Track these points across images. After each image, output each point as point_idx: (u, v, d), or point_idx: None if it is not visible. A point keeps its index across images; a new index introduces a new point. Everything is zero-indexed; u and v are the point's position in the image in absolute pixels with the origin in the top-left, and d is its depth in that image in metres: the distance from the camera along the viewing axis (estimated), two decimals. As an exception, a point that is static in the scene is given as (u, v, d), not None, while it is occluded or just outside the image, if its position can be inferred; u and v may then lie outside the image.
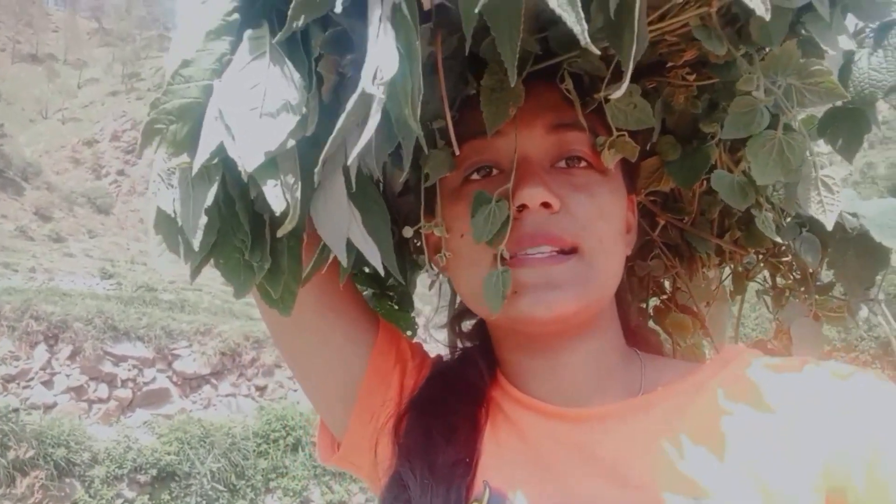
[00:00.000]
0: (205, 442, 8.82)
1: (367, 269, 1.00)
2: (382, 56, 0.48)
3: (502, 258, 0.69)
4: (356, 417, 0.82)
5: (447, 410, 0.78)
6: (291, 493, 9.14)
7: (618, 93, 0.54)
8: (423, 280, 1.01)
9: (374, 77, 0.47)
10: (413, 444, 0.76)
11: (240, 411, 9.66)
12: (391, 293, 0.99)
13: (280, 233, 0.55)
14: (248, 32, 0.56)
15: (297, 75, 0.56)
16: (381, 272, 0.61)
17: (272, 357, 10.46)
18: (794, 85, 0.66)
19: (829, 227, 0.64)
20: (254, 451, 9.18)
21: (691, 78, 0.76)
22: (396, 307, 0.99)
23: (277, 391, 10.25)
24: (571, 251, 0.70)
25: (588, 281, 0.71)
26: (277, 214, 0.52)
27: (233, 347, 10.25)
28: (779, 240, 0.78)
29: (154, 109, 0.53)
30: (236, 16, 0.57)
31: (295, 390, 10.19)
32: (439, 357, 0.89)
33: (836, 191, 0.65)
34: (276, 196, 0.52)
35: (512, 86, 0.56)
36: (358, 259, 0.69)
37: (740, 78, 0.68)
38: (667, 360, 0.84)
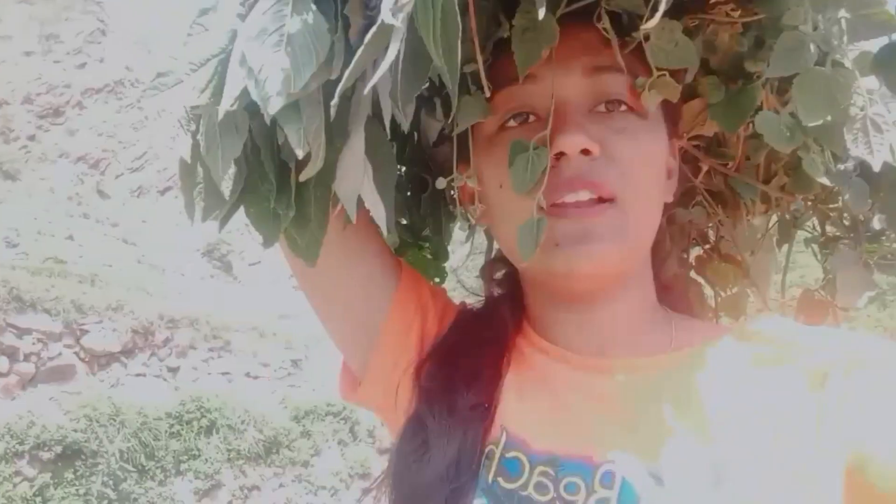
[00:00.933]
0: (115, 420, 8.51)
1: (403, 221, 1.00)
2: None
3: (540, 207, 0.68)
4: (377, 360, 0.82)
5: (470, 356, 0.78)
6: (203, 476, 8.87)
7: (651, 22, 0.51)
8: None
9: (395, 3, 0.46)
10: (434, 388, 0.76)
11: (151, 391, 9.40)
12: (426, 243, 0.99)
13: (303, 177, 0.55)
14: (272, -26, 0.55)
15: (321, 18, 0.55)
16: (384, 231, 0.60)
17: (187, 338, 10.10)
18: (845, 17, 0.62)
19: (877, 168, 0.61)
20: (166, 431, 8.88)
21: (736, 14, 0.73)
22: (430, 256, 0.99)
23: (190, 373, 9.91)
24: (610, 199, 0.69)
25: (627, 231, 0.69)
26: (300, 158, 0.52)
27: (146, 326, 9.81)
28: (827, 182, 0.75)
29: (175, 60, 0.53)
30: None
31: (209, 373, 9.99)
32: (464, 304, 0.89)
33: (886, 130, 0.62)
34: (299, 140, 0.51)
35: (540, 20, 0.54)
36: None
37: (787, 7, 0.64)
38: (696, 321, 0.83)
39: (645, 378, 0.72)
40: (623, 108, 0.71)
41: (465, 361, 0.77)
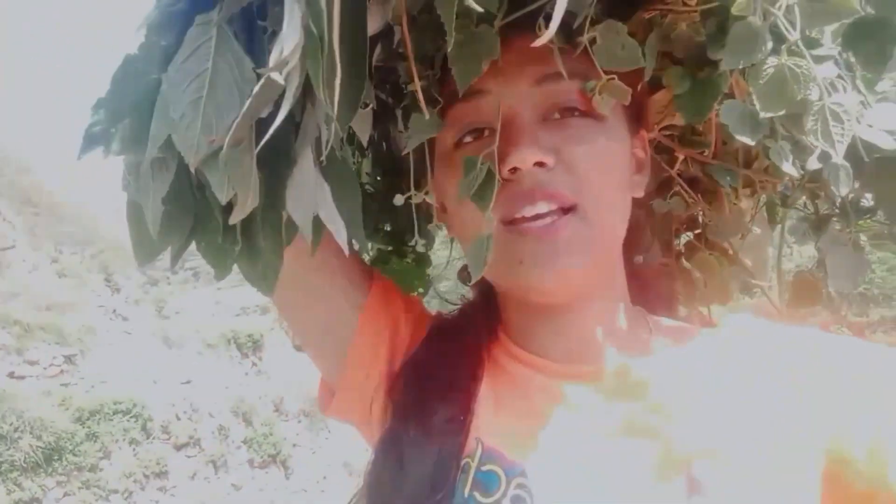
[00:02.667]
0: None
1: (387, 227, 1.00)
2: (287, 35, 0.46)
3: (503, 222, 0.68)
4: (348, 372, 0.82)
5: (444, 368, 0.77)
6: None
7: (540, 41, 0.50)
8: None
9: (279, 59, 0.45)
10: (408, 402, 0.76)
11: None
12: (408, 249, 0.99)
13: (231, 220, 0.54)
14: (197, 18, 0.55)
15: (246, 58, 0.54)
16: (346, 250, 0.59)
17: None
18: (798, 3, 0.59)
19: (838, 159, 0.59)
20: None
21: (692, 2, 0.70)
22: (413, 264, 0.98)
23: None
24: (571, 209, 0.67)
25: (591, 240, 0.68)
26: (223, 203, 0.51)
27: None
28: (794, 172, 0.72)
29: (97, 110, 0.52)
30: (181, 5, 0.55)
31: None
32: (439, 314, 0.89)
33: (846, 119, 0.59)
34: (222, 188, 0.51)
35: (449, 46, 0.53)
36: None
37: (737, -1, 0.62)
38: (671, 321, 0.81)
39: (620, 384, 0.71)
40: (577, 113, 0.69)
41: (440, 373, 0.77)
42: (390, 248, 0.98)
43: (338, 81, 0.47)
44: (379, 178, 0.93)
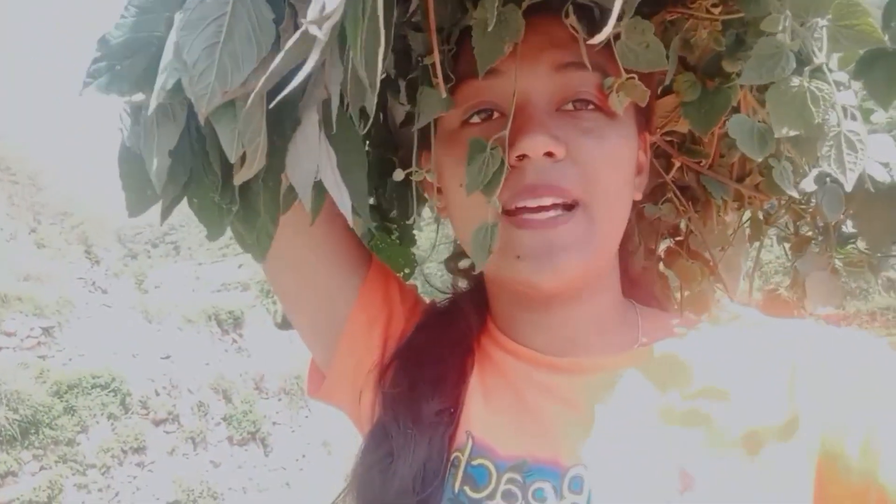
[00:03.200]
0: None
1: (371, 202, 0.97)
2: None
3: (503, 210, 0.66)
4: (339, 358, 0.80)
5: (434, 360, 0.76)
6: None
7: (604, 32, 0.48)
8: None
9: (321, 12, 0.42)
10: (398, 394, 0.74)
11: None
12: (394, 227, 0.96)
13: (236, 181, 0.51)
14: (215, -44, 0.51)
15: (266, 7, 0.51)
16: (350, 221, 0.57)
17: None
18: (827, 27, 0.59)
19: (848, 187, 0.59)
20: None
21: (716, 11, 0.69)
22: (398, 242, 0.96)
23: None
24: (574, 204, 0.66)
25: (592, 239, 0.67)
26: (232, 161, 0.48)
27: None
28: (795, 194, 0.73)
29: (104, 45, 0.49)
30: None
31: None
32: (433, 303, 0.87)
33: (860, 149, 0.59)
34: (232, 142, 0.48)
35: (490, 26, 0.51)
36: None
37: (767, 11, 0.61)
38: (662, 314, 0.81)
39: (613, 377, 0.70)
40: (591, 107, 0.68)
41: (430, 365, 0.75)
42: (374, 225, 0.95)
43: (381, 50, 0.44)
44: (369, 151, 0.90)
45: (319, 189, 0.58)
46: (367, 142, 0.90)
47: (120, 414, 9.42)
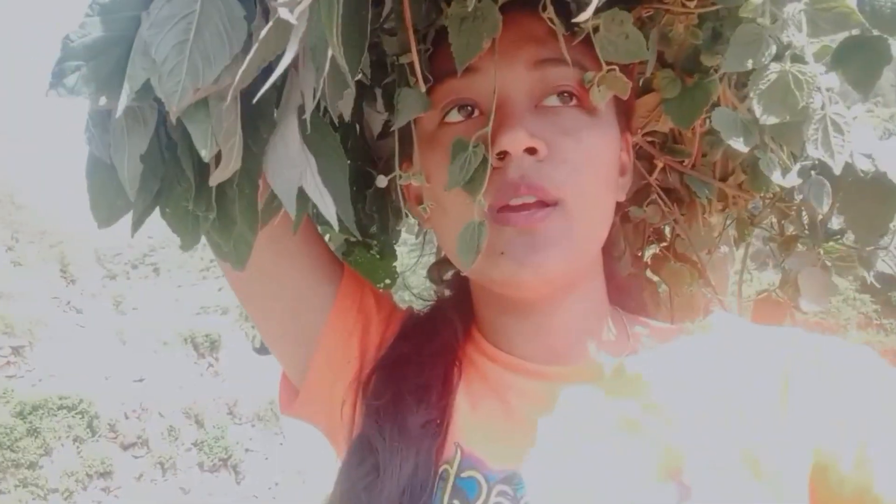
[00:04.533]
0: None
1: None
2: None
3: (482, 209, 0.63)
4: (315, 370, 0.77)
5: (418, 369, 0.73)
6: None
7: (584, 15, 0.47)
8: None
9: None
10: (382, 406, 0.71)
11: None
12: (373, 241, 0.94)
13: (212, 182, 0.49)
14: (182, -47, 0.50)
15: (236, 2, 0.49)
16: (335, 225, 0.55)
17: None
18: (805, 10, 0.59)
19: (837, 170, 0.58)
20: None
21: (692, 4, 0.69)
22: (378, 256, 0.94)
23: None
24: (554, 203, 0.64)
25: (573, 237, 0.65)
26: (206, 160, 0.46)
27: None
28: (784, 183, 0.72)
29: (68, 46, 0.47)
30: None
31: None
32: (410, 310, 0.84)
33: (847, 131, 0.59)
34: (205, 141, 0.46)
35: (480, 8, 0.49)
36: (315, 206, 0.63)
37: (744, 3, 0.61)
38: (650, 321, 0.80)
39: (601, 385, 0.69)
40: (573, 101, 0.67)
41: (414, 374, 0.73)
42: (354, 240, 0.93)
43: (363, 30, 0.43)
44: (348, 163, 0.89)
45: (302, 197, 0.56)
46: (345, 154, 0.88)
47: (87, 437, 9.19)
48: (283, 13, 0.41)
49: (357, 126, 0.85)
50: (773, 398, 0.63)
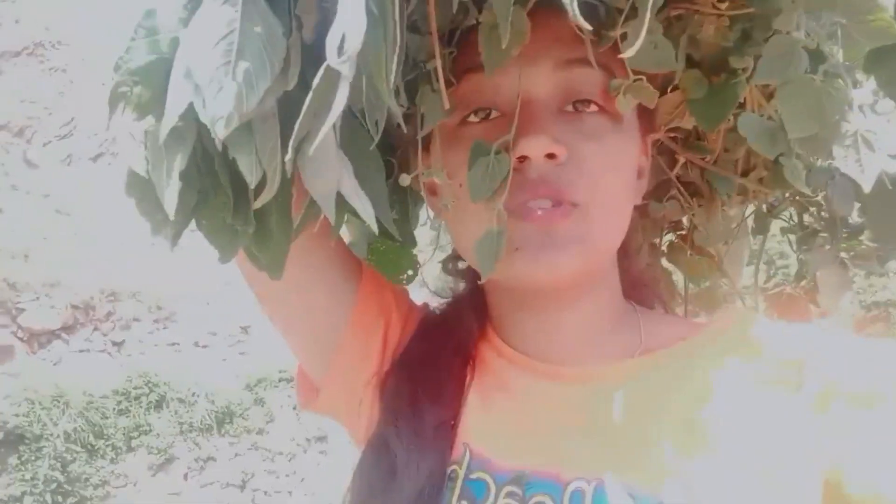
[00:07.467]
0: (59, 401, 8.10)
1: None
2: (349, 20, 0.41)
3: (501, 216, 0.64)
4: (337, 369, 0.79)
5: (434, 370, 0.75)
6: (156, 451, 8.53)
7: (631, 51, 0.47)
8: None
9: (340, 48, 0.41)
10: (399, 406, 0.73)
11: (95, 368, 8.91)
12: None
13: (257, 204, 0.50)
14: (219, -31, 0.49)
15: (274, 20, 0.49)
16: (375, 228, 0.55)
17: (130, 311, 9.59)
18: (840, 23, 0.58)
19: (867, 188, 0.58)
20: (114, 409, 8.49)
21: (723, 6, 0.68)
22: (398, 245, 0.95)
23: (136, 346, 9.44)
24: (574, 206, 0.65)
25: (591, 239, 0.66)
26: (252, 186, 0.47)
27: (86, 300, 9.27)
28: (807, 191, 0.72)
29: (118, 71, 0.47)
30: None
31: (156, 345, 9.63)
32: (427, 307, 0.85)
33: (878, 148, 0.59)
34: (251, 166, 0.47)
35: (503, 43, 0.50)
36: (353, 209, 0.64)
37: (778, 7, 0.60)
38: (665, 316, 0.80)
39: (614, 386, 0.69)
40: (593, 108, 0.67)
41: (430, 375, 0.74)
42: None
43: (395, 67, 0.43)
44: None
45: (339, 201, 0.56)
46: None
47: None
48: (334, 62, 0.41)
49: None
50: (787, 403, 0.63)
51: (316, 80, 0.43)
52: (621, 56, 0.55)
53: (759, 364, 0.66)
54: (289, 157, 0.45)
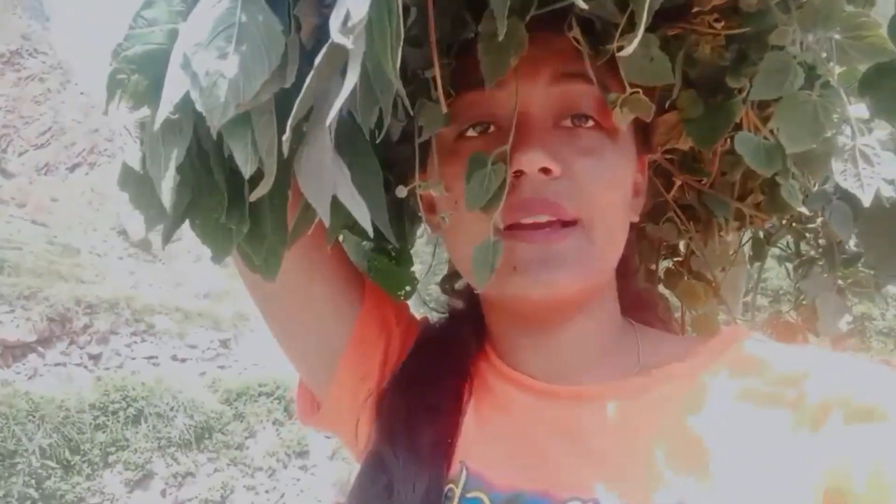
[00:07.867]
0: (34, 416, 8.00)
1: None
2: None
3: (497, 228, 0.64)
4: (338, 384, 0.78)
5: (431, 388, 0.73)
6: (133, 467, 8.45)
7: (629, 48, 0.47)
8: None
9: (344, 23, 0.41)
10: (396, 424, 0.72)
11: (72, 382, 8.84)
12: (390, 247, 0.94)
13: (252, 197, 0.49)
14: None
15: (274, 18, 0.49)
16: (370, 233, 0.55)
17: (107, 323, 9.46)
18: (835, 39, 0.59)
19: (866, 202, 0.58)
20: (90, 424, 8.39)
21: (719, 26, 0.69)
22: (395, 262, 0.94)
23: (113, 359, 9.34)
24: (571, 223, 0.65)
25: (589, 257, 0.65)
26: (247, 177, 0.47)
27: (62, 312, 9.19)
28: (805, 211, 0.72)
29: (116, 58, 0.47)
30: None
31: (133, 359, 9.57)
32: (426, 321, 0.85)
33: (876, 163, 0.59)
34: (246, 157, 0.46)
35: (500, 37, 0.50)
36: (349, 215, 0.63)
37: (774, 28, 0.61)
38: (664, 335, 0.79)
39: (611, 405, 0.68)
40: (590, 123, 0.67)
41: (427, 393, 0.73)
42: (373, 246, 0.93)
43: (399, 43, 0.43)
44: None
45: (336, 206, 0.56)
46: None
47: (284, 420, 10.04)
48: (340, 39, 0.41)
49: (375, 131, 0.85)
50: (785, 419, 0.62)
51: (319, 58, 0.43)
52: (619, 55, 0.55)
53: (757, 383, 0.66)
54: (286, 136, 0.44)
